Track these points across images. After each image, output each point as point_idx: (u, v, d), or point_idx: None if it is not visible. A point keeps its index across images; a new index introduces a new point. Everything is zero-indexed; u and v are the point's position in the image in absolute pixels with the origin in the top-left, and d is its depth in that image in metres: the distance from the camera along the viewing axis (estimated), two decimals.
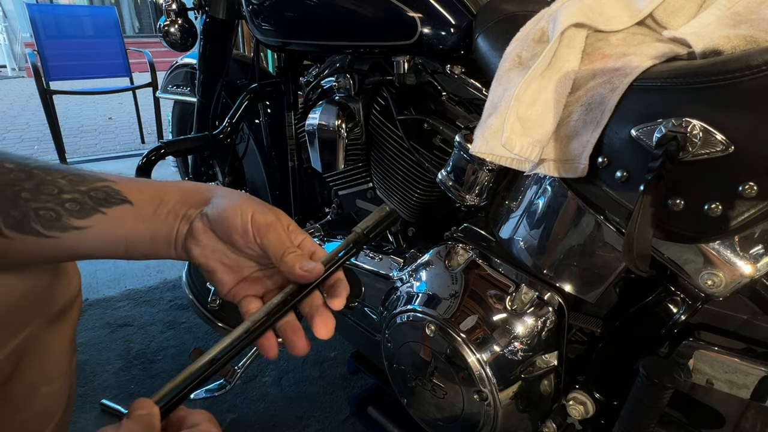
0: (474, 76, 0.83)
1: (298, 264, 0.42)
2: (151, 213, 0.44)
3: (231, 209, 0.43)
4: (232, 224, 0.43)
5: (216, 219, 0.44)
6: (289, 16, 1.00)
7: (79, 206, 0.42)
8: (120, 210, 0.43)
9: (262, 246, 0.43)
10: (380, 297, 0.96)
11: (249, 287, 0.46)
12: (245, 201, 0.44)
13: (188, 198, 0.45)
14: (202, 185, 0.48)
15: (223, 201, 0.44)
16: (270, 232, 0.43)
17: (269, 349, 0.43)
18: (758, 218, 0.44)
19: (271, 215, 0.44)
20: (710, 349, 0.57)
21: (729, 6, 0.52)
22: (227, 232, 0.43)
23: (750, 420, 0.59)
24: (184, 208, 0.45)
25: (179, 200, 0.45)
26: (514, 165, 0.59)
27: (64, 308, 0.56)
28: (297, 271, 0.42)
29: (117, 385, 1.35)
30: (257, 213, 0.43)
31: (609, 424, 0.68)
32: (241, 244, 0.44)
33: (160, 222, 0.44)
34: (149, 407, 0.37)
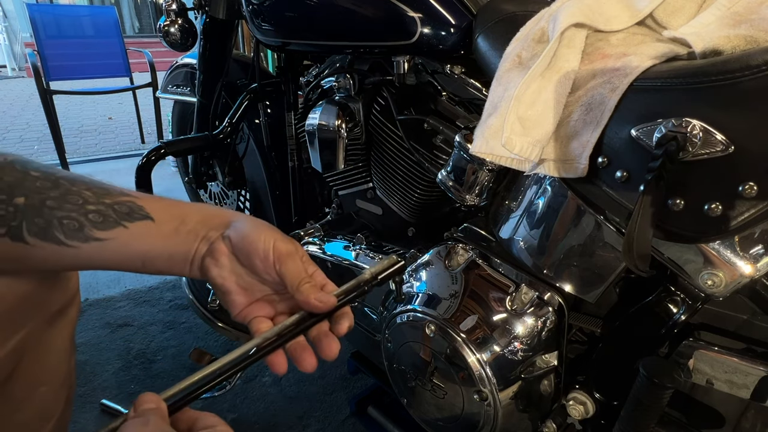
0: (474, 76, 0.83)
1: (314, 295, 0.44)
2: (172, 231, 0.45)
3: (255, 234, 0.45)
4: (255, 249, 0.45)
5: (239, 242, 0.45)
6: (289, 16, 1.00)
7: (103, 218, 0.43)
8: (141, 225, 0.44)
9: (279, 273, 0.45)
10: (380, 297, 0.96)
11: (260, 309, 0.48)
12: (268, 228, 0.47)
13: (209, 220, 0.47)
14: (223, 210, 0.50)
15: (246, 226, 0.46)
16: (289, 261, 0.45)
17: (279, 365, 0.45)
18: (758, 218, 0.44)
19: (291, 245, 0.46)
20: (710, 349, 0.57)
21: (729, 6, 0.52)
22: (248, 256, 0.45)
23: (750, 420, 0.59)
24: (204, 230, 0.46)
25: (200, 221, 0.47)
26: (514, 165, 0.59)
27: (62, 307, 0.56)
28: (312, 301, 0.44)
29: (117, 385, 1.34)
30: (279, 241, 0.45)
31: (609, 424, 0.68)
32: (260, 269, 0.46)
33: (180, 241, 0.46)
34: (157, 401, 0.37)
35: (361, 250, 1.05)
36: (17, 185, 0.41)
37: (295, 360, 0.46)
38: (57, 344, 0.57)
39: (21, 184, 0.41)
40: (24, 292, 0.48)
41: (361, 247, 1.05)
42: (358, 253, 1.05)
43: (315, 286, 0.46)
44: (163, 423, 0.36)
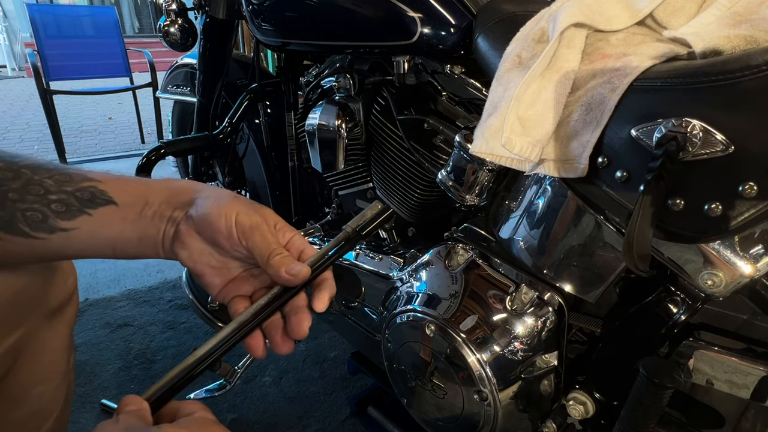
0: (474, 76, 0.83)
1: (284, 267, 0.42)
2: (137, 214, 0.44)
3: (215, 211, 0.43)
4: (217, 227, 0.42)
5: (200, 222, 0.43)
6: (289, 16, 1.00)
7: (65, 207, 0.42)
8: (105, 211, 0.43)
9: (247, 248, 0.43)
10: (380, 297, 0.96)
11: (238, 287, 0.46)
12: (230, 202, 0.43)
13: (173, 199, 0.45)
14: (189, 185, 0.47)
15: (207, 202, 0.44)
16: (255, 234, 0.42)
17: (256, 348, 0.44)
18: (758, 218, 0.44)
19: (256, 216, 0.43)
20: (710, 349, 0.57)
21: (729, 6, 0.52)
22: (212, 235, 0.43)
23: (750, 420, 0.59)
24: (169, 210, 0.44)
25: (164, 201, 0.44)
26: (514, 165, 0.59)
27: (60, 306, 0.56)
28: (282, 274, 0.42)
29: (117, 385, 1.34)
30: (242, 214, 0.43)
31: (609, 424, 0.68)
32: (227, 246, 0.43)
33: (146, 224, 0.44)
34: (138, 402, 0.37)
35: (361, 250, 1.05)
36: None
37: (271, 342, 0.44)
38: (54, 343, 0.57)
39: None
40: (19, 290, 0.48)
41: (361, 247, 1.05)
42: (358, 253, 1.05)
43: (287, 257, 0.43)
44: (135, 416, 0.36)
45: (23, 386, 0.54)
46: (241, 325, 0.41)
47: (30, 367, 0.54)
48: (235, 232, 0.42)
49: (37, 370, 0.55)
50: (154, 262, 1.98)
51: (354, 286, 1.06)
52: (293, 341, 0.44)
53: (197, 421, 0.37)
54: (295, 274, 0.42)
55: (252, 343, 0.43)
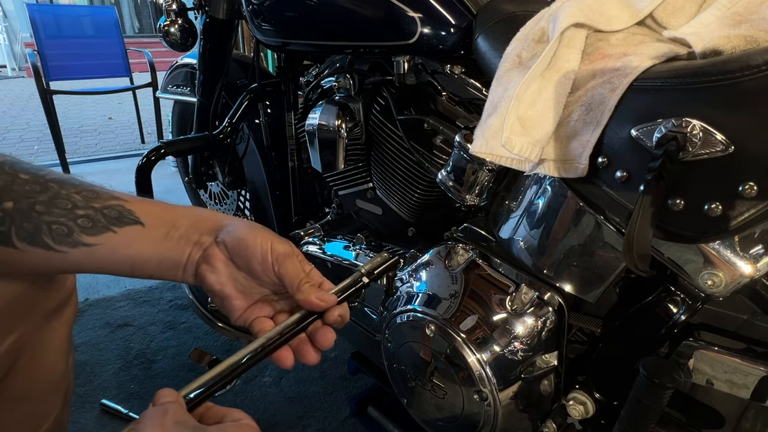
0: (474, 76, 0.83)
1: (315, 295, 0.45)
2: (163, 236, 0.45)
3: (251, 237, 0.45)
4: (252, 252, 0.45)
5: (235, 246, 0.45)
6: (289, 16, 1.00)
7: (92, 223, 0.42)
8: (131, 230, 0.44)
9: (278, 275, 0.45)
10: (380, 297, 0.96)
11: (260, 310, 0.48)
12: (262, 230, 0.46)
13: (200, 224, 0.46)
14: (215, 213, 0.49)
15: (240, 229, 0.46)
16: (288, 262, 0.45)
17: (285, 359, 0.46)
18: (758, 218, 0.44)
19: (288, 246, 0.46)
20: (710, 349, 0.57)
21: (729, 6, 0.52)
22: (246, 260, 0.45)
23: (750, 420, 0.59)
24: (196, 235, 0.46)
25: (191, 225, 0.46)
26: (514, 165, 0.59)
27: (59, 306, 0.56)
28: (314, 300, 0.45)
29: (117, 385, 1.34)
30: (276, 243, 0.45)
31: (609, 424, 0.68)
32: (259, 272, 0.46)
33: (171, 246, 0.45)
34: (175, 396, 0.38)
35: (361, 250, 1.05)
36: (5, 189, 0.41)
37: (299, 354, 0.46)
38: (54, 343, 0.57)
39: (9, 188, 0.41)
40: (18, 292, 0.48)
41: (361, 247, 1.05)
42: (358, 253, 1.05)
43: (314, 285, 0.46)
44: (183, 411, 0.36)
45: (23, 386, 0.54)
46: (270, 339, 0.45)
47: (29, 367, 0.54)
48: (270, 257, 0.45)
49: (37, 370, 0.55)
50: None
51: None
52: (320, 352, 0.47)
53: (243, 428, 0.38)
54: (326, 300, 0.45)
55: (282, 355, 0.46)
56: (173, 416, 0.35)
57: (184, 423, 0.35)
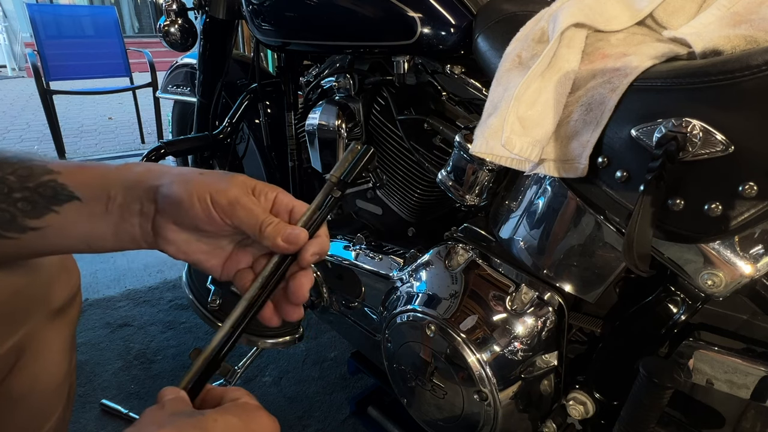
0: (474, 76, 0.83)
1: (280, 236, 0.40)
2: (102, 210, 0.42)
3: (187, 198, 0.40)
4: (193, 214, 0.40)
5: (174, 212, 0.41)
6: (289, 16, 1.00)
7: (31, 205, 0.41)
8: (70, 208, 0.41)
9: (233, 226, 0.41)
10: (380, 297, 0.96)
11: (237, 262, 0.44)
12: (198, 183, 0.40)
13: (134, 190, 0.42)
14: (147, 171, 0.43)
15: (174, 189, 0.40)
16: (237, 209, 0.40)
17: (270, 318, 0.43)
18: (758, 218, 0.44)
19: (232, 189, 0.40)
20: (710, 349, 0.57)
21: (729, 6, 0.52)
22: (191, 222, 0.41)
23: (750, 420, 0.59)
24: (136, 203, 0.42)
25: (126, 191, 0.42)
26: (514, 165, 0.59)
27: (64, 306, 0.56)
28: (280, 243, 0.40)
29: (117, 385, 1.34)
30: (216, 193, 0.40)
31: (609, 424, 0.68)
32: (211, 229, 0.41)
33: (116, 219, 0.42)
34: (176, 392, 0.37)
35: (361, 250, 1.05)
36: None
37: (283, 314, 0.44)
38: (57, 343, 0.57)
39: None
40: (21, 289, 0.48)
41: (361, 247, 1.05)
42: (358, 253, 1.05)
43: (278, 224, 0.40)
44: (181, 403, 0.36)
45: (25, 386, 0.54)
46: (251, 301, 0.41)
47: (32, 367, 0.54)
48: (215, 213, 0.40)
49: (40, 370, 0.55)
50: (154, 261, 1.98)
51: (354, 286, 1.06)
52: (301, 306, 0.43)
53: (242, 406, 0.37)
54: (293, 240, 0.40)
55: (265, 315, 0.43)
56: (170, 409, 0.35)
57: (181, 413, 0.35)
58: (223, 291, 1.15)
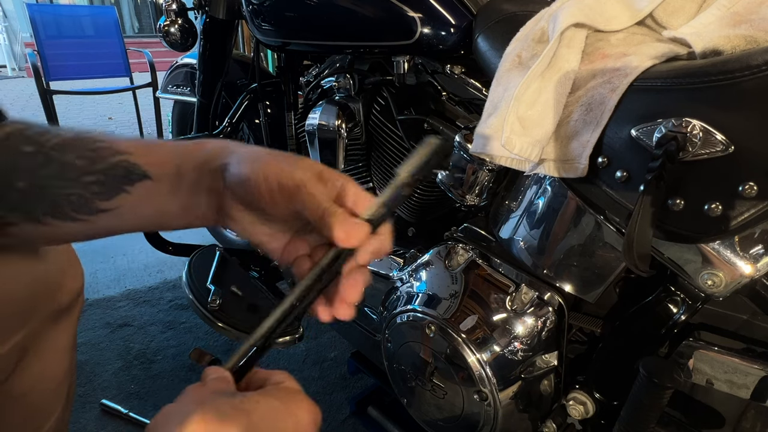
0: (474, 76, 0.83)
1: (339, 227, 0.37)
2: (173, 187, 0.42)
3: (253, 177, 0.39)
4: (258, 194, 0.39)
5: (241, 191, 0.40)
6: (289, 16, 1.00)
7: (103, 188, 0.41)
8: (142, 187, 0.41)
9: (295, 211, 0.39)
10: (380, 297, 0.96)
11: (296, 248, 0.42)
12: (267, 163, 0.39)
13: (205, 166, 0.42)
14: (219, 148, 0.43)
15: (242, 169, 0.40)
16: (301, 194, 0.38)
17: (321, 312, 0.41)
18: (758, 218, 0.44)
19: (299, 172, 0.38)
20: (710, 349, 0.57)
21: (729, 6, 0.52)
22: (257, 203, 0.40)
23: (750, 420, 0.59)
24: (206, 179, 0.41)
25: (196, 169, 0.42)
26: (514, 165, 0.59)
27: (68, 305, 0.56)
28: (339, 235, 0.37)
29: (117, 385, 1.34)
30: (283, 175, 0.38)
31: (609, 424, 0.68)
32: (273, 212, 0.40)
33: (185, 197, 0.42)
34: (220, 372, 0.36)
35: None
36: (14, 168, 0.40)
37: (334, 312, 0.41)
38: (60, 342, 0.57)
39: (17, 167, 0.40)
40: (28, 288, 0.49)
41: None
42: None
43: (341, 214, 0.37)
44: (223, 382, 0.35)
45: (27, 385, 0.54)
46: (304, 290, 0.39)
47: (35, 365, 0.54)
48: (278, 196, 0.38)
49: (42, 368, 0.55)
50: (154, 261, 1.98)
51: None
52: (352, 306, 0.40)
53: (284, 389, 0.36)
54: (354, 234, 0.37)
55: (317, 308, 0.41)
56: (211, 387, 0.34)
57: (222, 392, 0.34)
58: (223, 291, 1.15)
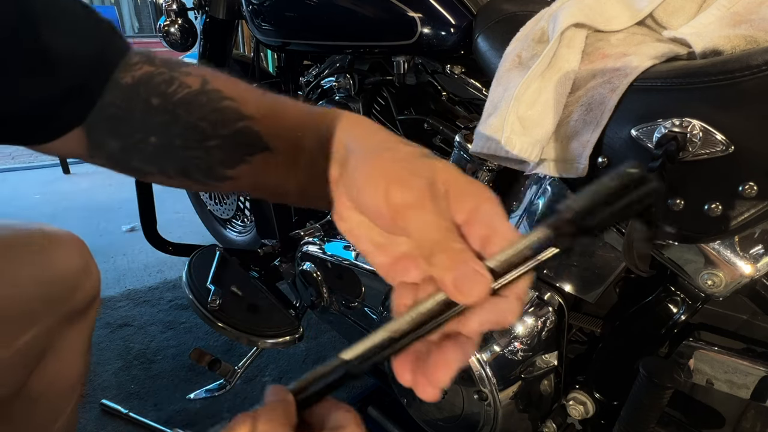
0: (474, 76, 0.83)
1: (449, 272, 0.27)
2: (291, 163, 0.39)
3: (363, 179, 0.31)
4: (363, 200, 0.31)
5: (351, 191, 0.32)
6: (289, 16, 1.00)
7: (225, 154, 0.39)
8: (261, 158, 0.39)
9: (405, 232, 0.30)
10: (380, 297, 0.96)
11: (404, 270, 0.32)
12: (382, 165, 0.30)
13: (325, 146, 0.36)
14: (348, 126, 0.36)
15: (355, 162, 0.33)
16: (411, 215, 0.28)
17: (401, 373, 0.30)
18: (758, 218, 0.44)
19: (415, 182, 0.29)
20: (710, 349, 0.57)
21: (729, 6, 0.52)
22: (363, 211, 0.32)
23: (750, 420, 0.59)
24: (322, 161, 0.36)
25: (316, 147, 0.37)
26: (514, 165, 0.59)
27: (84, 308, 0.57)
28: (447, 283, 0.27)
29: (117, 385, 1.34)
30: (394, 185, 0.29)
31: (609, 424, 0.68)
32: (383, 226, 0.31)
33: (302, 175, 0.39)
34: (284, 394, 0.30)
35: None
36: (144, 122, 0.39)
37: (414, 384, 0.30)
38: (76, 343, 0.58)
39: (147, 121, 0.39)
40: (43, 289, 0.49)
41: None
42: (358, 253, 1.05)
43: (459, 252, 0.27)
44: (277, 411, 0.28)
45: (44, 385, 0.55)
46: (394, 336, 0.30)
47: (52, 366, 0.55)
48: (385, 210, 0.29)
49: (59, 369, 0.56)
50: (154, 261, 1.98)
51: (354, 286, 1.06)
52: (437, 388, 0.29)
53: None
54: (465, 288, 0.26)
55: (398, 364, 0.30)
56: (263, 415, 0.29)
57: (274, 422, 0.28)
58: (223, 291, 1.15)
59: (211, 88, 0.39)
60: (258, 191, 0.42)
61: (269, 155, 0.39)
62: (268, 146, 0.38)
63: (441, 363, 0.29)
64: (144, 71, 0.40)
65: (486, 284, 0.26)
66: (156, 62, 0.41)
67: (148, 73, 0.40)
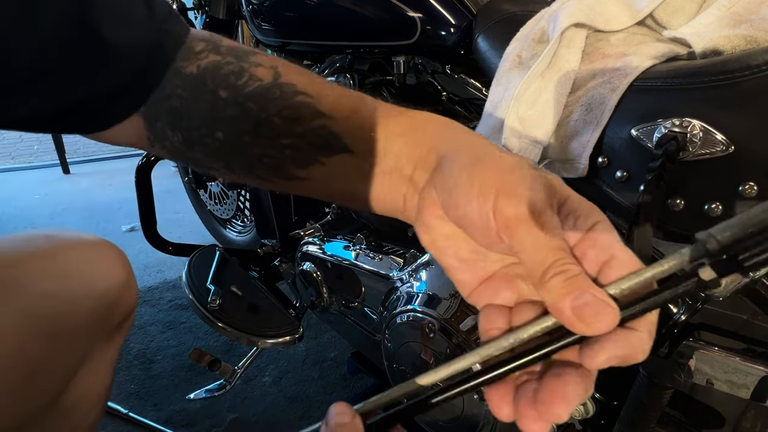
0: (474, 76, 0.83)
1: (569, 299, 0.24)
2: (371, 167, 0.35)
3: (465, 188, 0.28)
4: (465, 211, 0.28)
5: (447, 200, 0.30)
6: (289, 16, 1.00)
7: (298, 153, 0.36)
8: (338, 160, 0.36)
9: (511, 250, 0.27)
10: (380, 297, 0.96)
11: (495, 291, 0.30)
12: (489, 174, 0.28)
13: (414, 151, 0.33)
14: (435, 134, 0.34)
15: (454, 168, 0.30)
16: (522, 231, 0.26)
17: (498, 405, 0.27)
18: None
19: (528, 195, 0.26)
20: (710, 349, 0.57)
21: (729, 6, 0.52)
22: (462, 222, 0.29)
23: (750, 420, 0.59)
24: (409, 167, 0.33)
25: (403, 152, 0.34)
26: None
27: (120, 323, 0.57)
28: (564, 309, 0.24)
29: (117, 385, 1.34)
30: (504, 197, 0.26)
31: (609, 424, 0.68)
32: (481, 240, 0.29)
33: (382, 182, 0.35)
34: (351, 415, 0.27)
35: (361, 250, 1.05)
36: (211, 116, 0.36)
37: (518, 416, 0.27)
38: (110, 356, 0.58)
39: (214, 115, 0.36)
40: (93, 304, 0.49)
41: (361, 247, 1.05)
42: (358, 253, 1.05)
43: (575, 277, 0.24)
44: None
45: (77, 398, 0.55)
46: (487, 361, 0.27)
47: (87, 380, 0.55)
48: (493, 224, 0.27)
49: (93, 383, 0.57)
50: (154, 261, 1.98)
51: (354, 286, 1.06)
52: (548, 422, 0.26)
53: None
54: (587, 317, 0.23)
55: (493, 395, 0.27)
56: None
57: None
58: (223, 291, 1.15)
59: (284, 81, 0.36)
60: (327, 194, 0.40)
61: (348, 158, 0.35)
62: (349, 148, 0.35)
63: (559, 396, 0.25)
64: (210, 60, 0.37)
65: (614, 315, 0.24)
66: (222, 50, 0.37)
67: (214, 63, 0.37)
